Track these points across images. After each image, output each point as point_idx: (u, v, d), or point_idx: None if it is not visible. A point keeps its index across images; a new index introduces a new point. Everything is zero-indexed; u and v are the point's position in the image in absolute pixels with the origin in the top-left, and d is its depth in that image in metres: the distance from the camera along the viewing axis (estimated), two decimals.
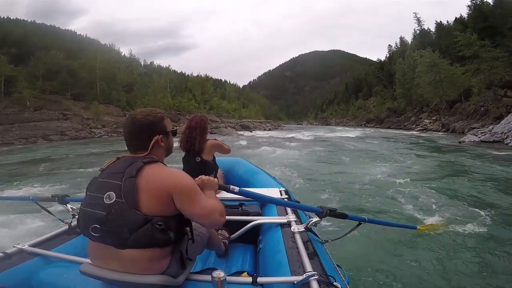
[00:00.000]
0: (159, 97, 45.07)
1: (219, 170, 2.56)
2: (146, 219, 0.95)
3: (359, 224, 1.83)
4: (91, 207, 1.00)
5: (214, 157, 2.51)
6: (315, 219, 1.60)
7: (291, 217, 1.77)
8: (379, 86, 63.82)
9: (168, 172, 1.04)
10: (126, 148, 1.12)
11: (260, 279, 1.16)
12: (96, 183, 1.05)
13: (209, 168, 2.34)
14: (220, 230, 1.81)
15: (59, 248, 1.50)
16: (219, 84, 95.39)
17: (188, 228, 1.11)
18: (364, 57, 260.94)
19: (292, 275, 1.16)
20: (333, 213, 1.60)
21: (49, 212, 1.93)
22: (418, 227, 2.78)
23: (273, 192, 2.31)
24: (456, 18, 47.48)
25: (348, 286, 1.30)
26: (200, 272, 1.29)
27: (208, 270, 1.25)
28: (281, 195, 2.28)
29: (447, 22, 48.69)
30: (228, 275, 1.07)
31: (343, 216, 1.65)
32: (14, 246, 1.41)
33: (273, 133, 31.99)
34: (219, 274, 0.98)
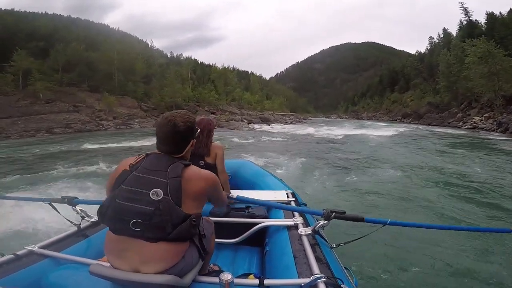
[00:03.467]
0: (176, 88, 43.54)
1: (225, 171, 2.49)
2: (185, 216, 1.04)
3: (382, 226, 1.72)
4: (134, 202, 1.02)
5: None
6: (322, 221, 1.58)
7: (298, 219, 1.75)
8: (419, 79, 58.35)
9: (203, 175, 1.15)
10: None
11: (267, 282, 1.16)
12: (132, 177, 1.07)
13: (213, 171, 2.12)
14: (212, 264, 1.67)
15: (68, 250, 1.50)
16: (245, 76, 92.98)
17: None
18: (402, 49, 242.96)
19: (299, 278, 1.18)
20: (342, 216, 1.55)
21: (60, 213, 1.90)
22: None
23: (280, 195, 2.32)
24: (511, 8, 42.22)
25: None
26: (207, 274, 1.30)
27: (215, 273, 1.34)
28: (287, 197, 2.27)
29: (500, 13, 43.60)
30: (235, 278, 1.06)
31: (357, 219, 1.60)
32: (24, 248, 1.42)
33: (291, 127, 29.42)
34: (226, 276, 0.99)
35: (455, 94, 38.40)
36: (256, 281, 1.16)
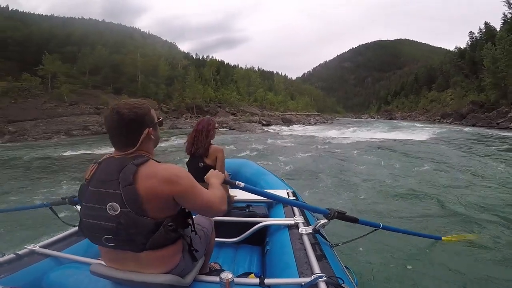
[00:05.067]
0: (196, 89, 43.31)
1: (225, 171, 2.44)
2: (157, 223, 0.95)
3: (374, 230, 1.79)
4: (96, 219, 0.95)
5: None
6: (323, 221, 1.58)
7: (299, 218, 1.75)
8: (459, 76, 53.64)
9: (163, 172, 0.97)
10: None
11: (267, 281, 1.16)
12: (89, 193, 0.98)
13: None
14: (213, 263, 1.65)
15: (69, 249, 1.50)
16: (269, 76, 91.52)
17: (189, 220, 1.11)
18: (439, 46, 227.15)
19: (300, 277, 1.18)
20: (342, 216, 1.58)
21: (59, 217, 1.91)
22: (443, 237, 2.62)
23: (280, 194, 2.25)
24: None
25: None
26: (208, 274, 1.30)
27: (216, 272, 1.34)
28: (288, 196, 2.25)
29: None
30: (235, 277, 1.05)
31: (353, 220, 1.65)
32: (25, 247, 1.42)
33: (313, 129, 27.58)
34: (227, 275, 0.98)
35: (503, 92, 34.22)
36: (257, 280, 1.14)
